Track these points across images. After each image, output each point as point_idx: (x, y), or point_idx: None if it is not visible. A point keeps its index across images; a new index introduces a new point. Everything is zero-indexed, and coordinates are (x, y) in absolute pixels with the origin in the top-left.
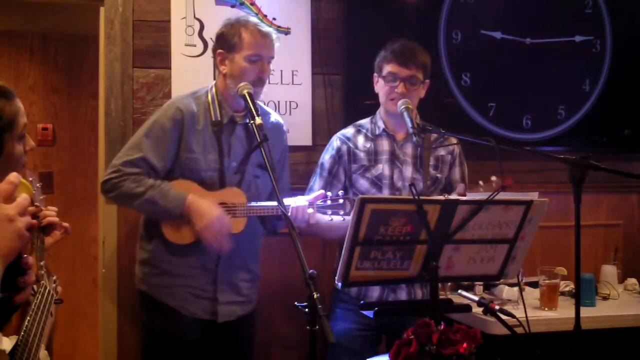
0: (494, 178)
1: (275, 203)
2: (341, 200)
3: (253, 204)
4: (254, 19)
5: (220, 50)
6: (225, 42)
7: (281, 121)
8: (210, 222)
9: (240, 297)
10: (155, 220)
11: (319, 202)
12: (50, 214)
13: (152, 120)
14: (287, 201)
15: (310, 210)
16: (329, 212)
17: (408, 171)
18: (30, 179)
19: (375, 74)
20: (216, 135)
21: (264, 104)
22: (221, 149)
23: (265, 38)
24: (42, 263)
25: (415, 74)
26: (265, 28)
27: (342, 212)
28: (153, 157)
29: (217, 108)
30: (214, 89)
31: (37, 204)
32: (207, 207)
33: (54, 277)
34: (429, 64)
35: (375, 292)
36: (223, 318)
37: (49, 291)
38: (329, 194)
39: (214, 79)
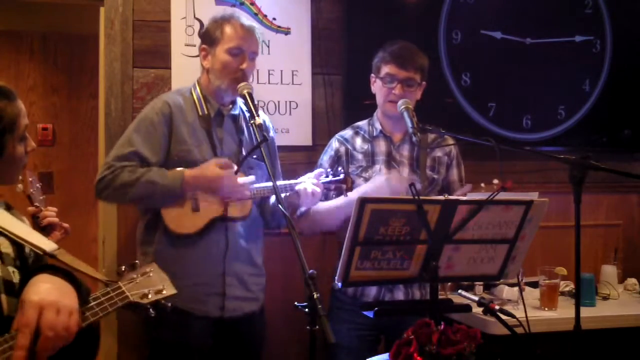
0: (495, 181)
1: (280, 183)
2: (342, 176)
3: (256, 185)
4: (240, 14)
5: (203, 46)
6: (208, 37)
7: (267, 121)
8: (221, 180)
9: (247, 293)
10: (156, 218)
11: (322, 179)
12: (50, 214)
13: (140, 117)
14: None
15: (317, 190)
16: (332, 187)
17: (405, 172)
18: (30, 179)
19: (372, 75)
20: (206, 129)
21: (264, 103)
22: (212, 142)
23: (247, 32)
24: (150, 269)
25: (413, 76)
26: (249, 23)
27: (344, 187)
28: (145, 150)
29: (204, 103)
30: (197, 87)
31: (37, 204)
32: (207, 171)
33: (158, 287)
34: (427, 67)
35: (372, 291)
36: (229, 313)
37: (122, 293)
38: (328, 170)
39: None
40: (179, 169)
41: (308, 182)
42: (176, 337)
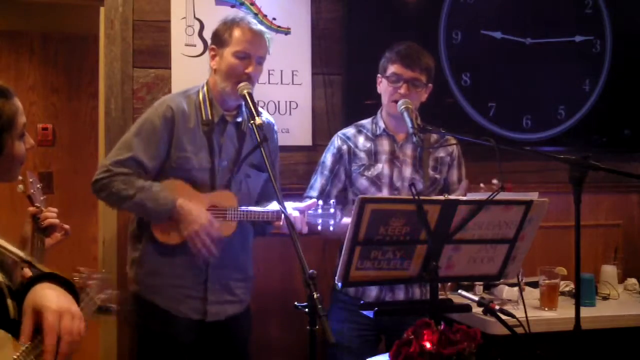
0: (495, 181)
1: (265, 209)
2: (332, 210)
3: (244, 208)
4: (250, 18)
5: (212, 46)
6: (218, 38)
7: (272, 120)
8: (199, 229)
9: (232, 297)
10: (146, 221)
11: (309, 211)
12: (51, 215)
13: (142, 119)
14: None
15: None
16: (319, 220)
17: (407, 171)
18: (31, 179)
19: (379, 75)
20: (207, 134)
21: (264, 104)
22: (212, 148)
23: (255, 36)
24: (99, 275)
25: (418, 76)
26: (258, 27)
27: (332, 222)
28: (143, 156)
29: (208, 107)
30: (205, 88)
31: (37, 204)
32: (196, 213)
33: (109, 291)
34: (433, 68)
35: (373, 292)
36: (212, 317)
37: (91, 298)
38: (320, 202)
39: None
40: (173, 193)
41: (292, 211)
42: (162, 329)
